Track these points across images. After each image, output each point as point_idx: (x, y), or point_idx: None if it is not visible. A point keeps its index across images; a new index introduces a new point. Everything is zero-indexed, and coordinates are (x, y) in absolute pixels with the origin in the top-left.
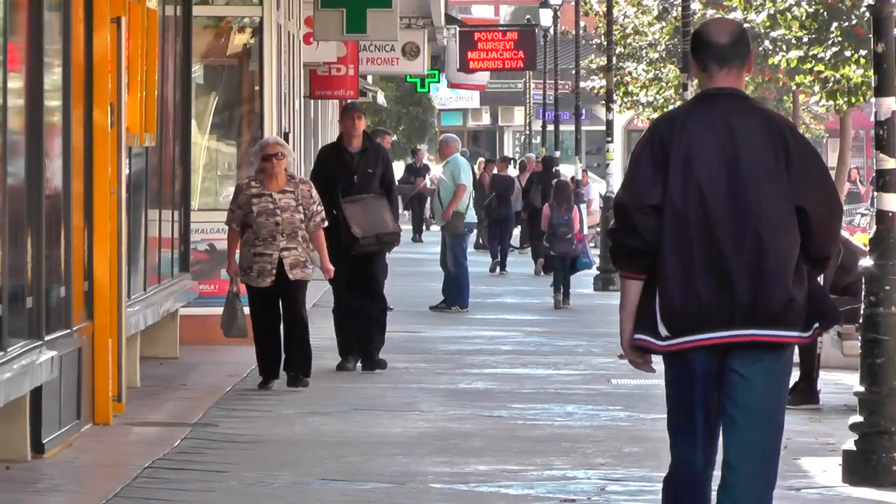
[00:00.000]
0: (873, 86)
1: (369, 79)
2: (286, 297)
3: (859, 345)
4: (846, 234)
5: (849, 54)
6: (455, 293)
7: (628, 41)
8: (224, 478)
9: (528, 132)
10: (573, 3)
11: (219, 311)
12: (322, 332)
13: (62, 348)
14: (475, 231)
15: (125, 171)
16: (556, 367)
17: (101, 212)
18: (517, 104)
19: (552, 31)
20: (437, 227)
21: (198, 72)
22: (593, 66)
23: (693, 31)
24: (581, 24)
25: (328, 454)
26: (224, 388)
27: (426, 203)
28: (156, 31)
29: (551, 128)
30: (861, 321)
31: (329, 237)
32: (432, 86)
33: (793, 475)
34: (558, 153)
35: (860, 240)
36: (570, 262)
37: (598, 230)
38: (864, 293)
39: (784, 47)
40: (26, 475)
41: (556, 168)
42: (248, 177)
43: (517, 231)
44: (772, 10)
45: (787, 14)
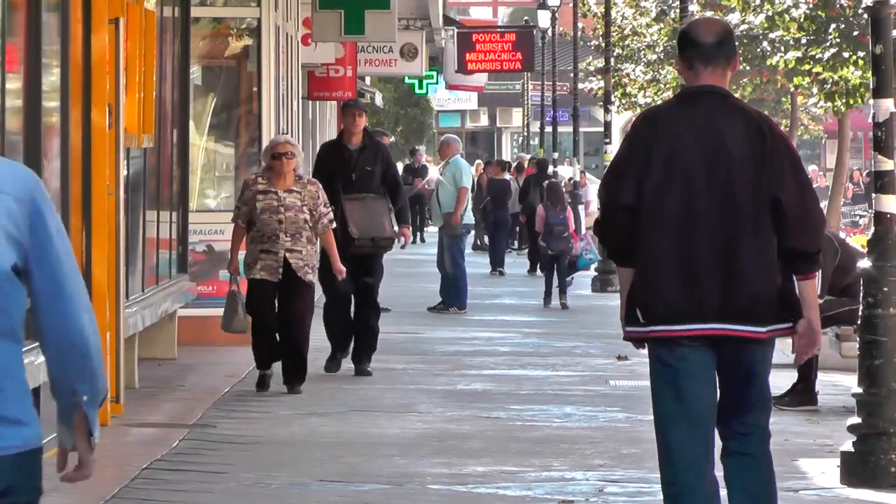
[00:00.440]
0: (872, 87)
1: (367, 80)
2: (288, 299)
3: (857, 346)
4: (843, 235)
5: (847, 56)
6: (453, 294)
7: (626, 42)
8: (222, 479)
9: (526, 133)
10: (571, 5)
11: (217, 312)
12: (320, 333)
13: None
14: (472, 232)
15: (123, 172)
16: (554, 369)
17: (100, 213)
18: (515, 105)
19: (550, 32)
20: (433, 228)
21: (196, 73)
22: (591, 68)
23: (680, 30)
24: (579, 26)
25: (326, 455)
26: (222, 390)
27: (426, 204)
28: (154, 32)
29: (549, 129)
30: (859, 323)
31: None
32: (430, 87)
33: (791, 476)
34: (556, 154)
35: (858, 241)
36: (567, 262)
37: None
38: (862, 294)
39: (782, 49)
40: None
41: (554, 170)
42: (255, 173)
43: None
44: (770, 12)
45: (786, 15)
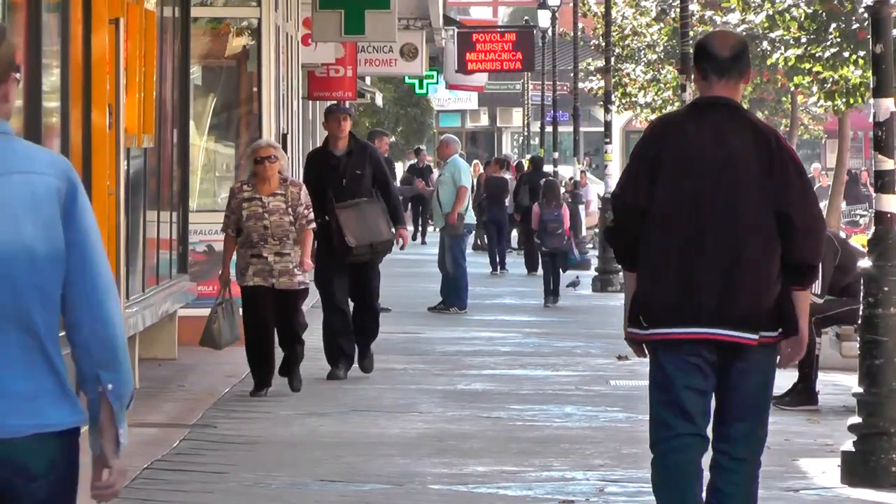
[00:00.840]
0: (872, 87)
1: (367, 80)
2: (280, 306)
3: (858, 346)
4: (843, 235)
5: (847, 55)
6: (453, 294)
7: (626, 42)
8: (222, 479)
9: (526, 133)
10: (571, 5)
11: None
12: (320, 333)
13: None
14: (473, 232)
15: (123, 172)
16: (554, 369)
17: (100, 213)
18: (515, 105)
19: (550, 32)
20: (435, 228)
21: (196, 73)
22: (591, 68)
23: (697, 41)
24: (579, 26)
25: (326, 455)
26: (222, 390)
27: (428, 205)
28: (154, 32)
29: (549, 129)
30: (860, 322)
31: (322, 244)
32: (430, 87)
33: (791, 476)
34: (556, 154)
35: (859, 241)
36: (560, 260)
37: (596, 231)
38: (862, 294)
39: (782, 47)
40: None
41: (554, 169)
42: (240, 181)
43: (515, 232)
44: (770, 11)
45: (786, 15)
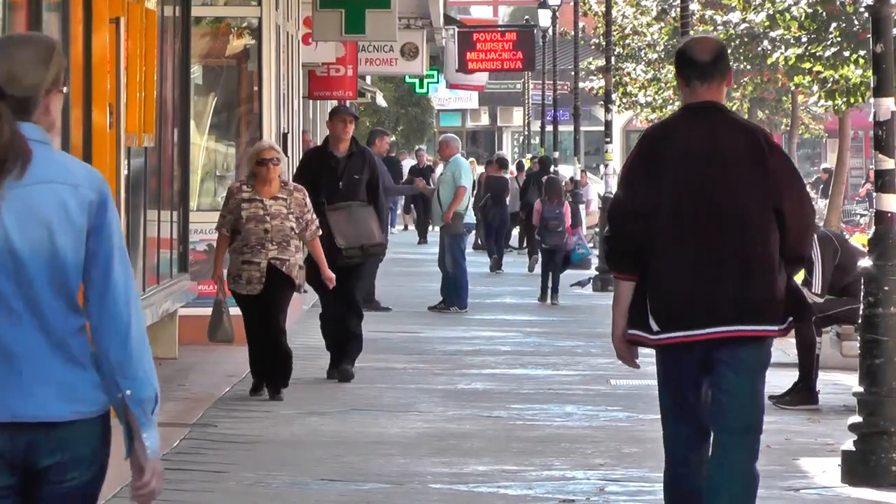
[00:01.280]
0: (872, 86)
1: (368, 79)
2: (268, 305)
3: (858, 345)
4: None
5: (847, 54)
6: (454, 293)
7: (627, 42)
8: (223, 478)
9: (526, 133)
10: (572, 4)
11: None
12: (320, 333)
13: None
14: (473, 232)
15: (124, 171)
16: (555, 368)
17: None
18: (516, 105)
19: (551, 31)
20: (435, 228)
21: (197, 72)
22: (592, 67)
23: (677, 50)
24: (580, 25)
25: (327, 454)
26: (223, 389)
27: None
28: (154, 31)
29: (550, 128)
30: (860, 322)
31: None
32: (431, 86)
33: (792, 475)
34: (556, 154)
35: (859, 240)
36: (562, 258)
37: (596, 230)
38: (862, 294)
39: (783, 47)
40: None
41: (555, 168)
42: (239, 181)
43: (515, 231)
44: (771, 11)
45: (787, 14)
